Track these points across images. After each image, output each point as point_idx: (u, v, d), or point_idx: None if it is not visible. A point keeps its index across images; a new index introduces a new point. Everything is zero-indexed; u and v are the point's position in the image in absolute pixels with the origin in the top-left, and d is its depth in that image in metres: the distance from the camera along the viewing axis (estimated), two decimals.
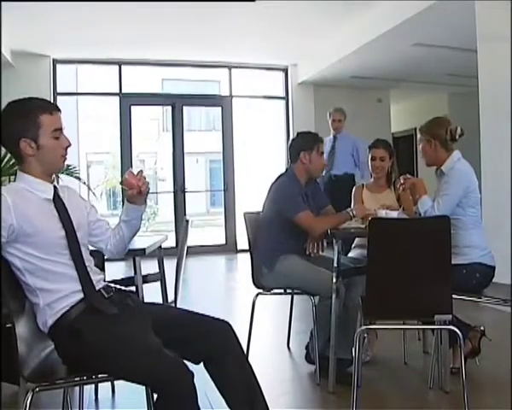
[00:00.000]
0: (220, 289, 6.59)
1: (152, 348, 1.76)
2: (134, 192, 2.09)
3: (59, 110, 1.96)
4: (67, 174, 4.71)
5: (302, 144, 3.35)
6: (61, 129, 1.94)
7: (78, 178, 5.32)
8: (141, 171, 2.12)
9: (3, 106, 1.93)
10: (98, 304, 1.90)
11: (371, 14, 6.60)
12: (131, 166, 9.00)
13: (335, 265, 2.96)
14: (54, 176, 2.03)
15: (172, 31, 7.34)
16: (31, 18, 6.46)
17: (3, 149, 3.82)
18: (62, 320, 1.87)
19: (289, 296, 3.70)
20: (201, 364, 1.96)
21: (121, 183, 2.14)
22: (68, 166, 5.06)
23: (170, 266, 3.31)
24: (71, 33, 7.22)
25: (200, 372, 1.82)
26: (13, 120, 1.88)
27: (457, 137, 2.98)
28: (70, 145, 1.98)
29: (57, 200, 1.96)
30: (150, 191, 2.18)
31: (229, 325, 2.01)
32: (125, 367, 1.77)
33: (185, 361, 1.77)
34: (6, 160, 3.89)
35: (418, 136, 3.12)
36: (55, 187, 1.99)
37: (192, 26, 7.11)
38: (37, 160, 1.91)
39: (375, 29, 6.69)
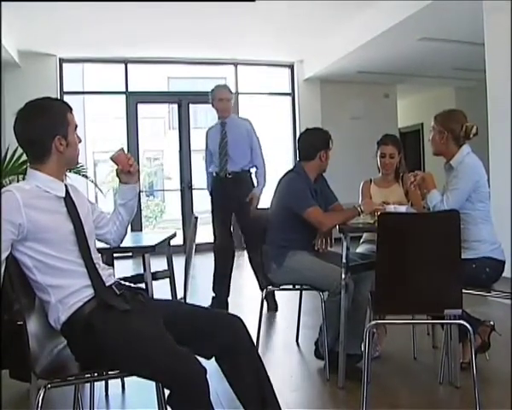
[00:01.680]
0: None
1: (165, 345, 1.77)
2: (125, 170, 2.21)
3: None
4: (75, 172, 4.73)
5: (320, 143, 3.36)
6: (77, 127, 2.04)
7: (86, 177, 5.34)
8: (131, 156, 2.25)
9: (9, 105, 1.95)
10: (110, 300, 1.91)
11: (377, 9, 6.57)
12: (138, 163, 8.98)
13: (344, 260, 2.96)
14: (65, 175, 2.07)
15: (178, 29, 7.33)
16: (37, 18, 6.48)
17: (7, 150, 3.87)
18: (76, 316, 1.88)
19: (298, 292, 3.70)
20: (212, 359, 1.96)
21: (111, 158, 2.21)
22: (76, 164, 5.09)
23: (178, 263, 3.31)
24: (77, 32, 7.23)
25: (210, 368, 1.82)
26: (44, 119, 1.93)
27: (472, 136, 2.96)
28: (81, 141, 2.05)
29: (68, 198, 1.98)
30: (157, 189, 2.22)
31: (241, 320, 2.02)
32: (138, 363, 1.78)
33: (197, 357, 1.78)
34: (15, 159, 3.90)
35: (432, 123, 3.07)
36: (66, 186, 2.01)
37: (197, 24, 7.10)
38: (63, 156, 1.96)
39: (381, 24, 6.66)
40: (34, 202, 1.86)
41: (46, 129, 1.92)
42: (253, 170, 4.87)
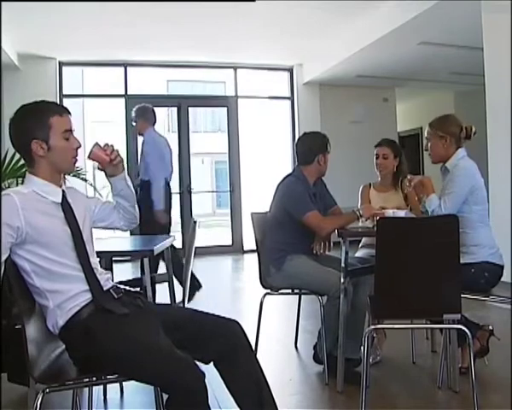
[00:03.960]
0: (227, 289, 6.59)
1: (163, 349, 1.77)
2: (105, 164, 2.12)
3: (69, 112, 2.00)
4: (74, 176, 4.72)
5: (318, 146, 3.36)
6: (70, 130, 1.97)
7: (85, 180, 5.33)
8: (106, 144, 2.14)
9: (9, 107, 1.96)
10: (107, 304, 1.91)
11: (377, 13, 6.59)
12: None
13: (343, 265, 2.96)
14: (62, 180, 2.05)
15: (177, 32, 7.36)
16: (36, 21, 6.49)
17: (6, 153, 3.87)
18: (74, 320, 1.88)
19: (297, 296, 3.70)
20: (210, 364, 1.96)
21: (89, 156, 2.12)
22: (76, 168, 5.08)
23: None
24: (76, 35, 7.25)
25: (208, 372, 1.82)
26: (24, 123, 1.92)
27: (472, 135, 2.98)
28: (80, 146, 2.01)
29: (65, 204, 1.98)
30: None
31: (239, 325, 2.02)
32: (136, 368, 1.78)
33: (195, 361, 1.78)
34: (14, 162, 3.90)
35: (428, 131, 3.07)
36: (63, 191, 2.00)
37: (197, 27, 7.12)
38: (47, 161, 1.93)
39: (380, 28, 6.68)
40: (32, 206, 1.87)
41: (23, 133, 1.91)
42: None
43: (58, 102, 8.40)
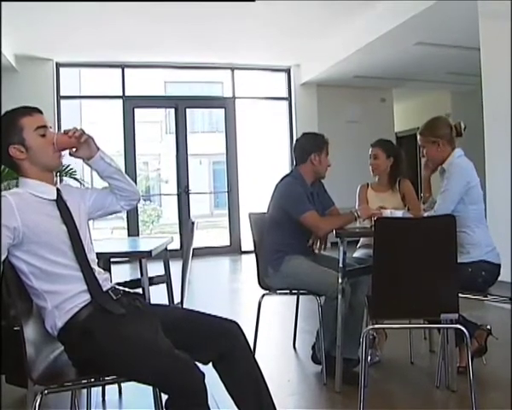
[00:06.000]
0: (225, 290, 6.59)
1: (163, 350, 1.77)
2: (73, 146, 2.01)
3: (39, 112, 1.99)
4: (64, 174, 4.72)
5: (312, 146, 3.36)
6: (45, 126, 1.96)
7: (76, 179, 5.31)
8: (73, 128, 2.01)
9: (6, 109, 1.96)
10: (106, 305, 1.91)
11: (373, 13, 6.60)
12: (135, 167, 9.03)
13: (341, 265, 2.96)
14: (55, 178, 2.05)
15: (174, 33, 7.36)
16: (34, 22, 6.48)
17: None
18: (72, 322, 1.88)
19: (295, 297, 3.70)
20: (209, 364, 1.96)
21: (58, 149, 1.98)
22: (67, 166, 5.07)
23: (175, 267, 3.32)
24: (74, 37, 7.24)
25: (207, 372, 1.82)
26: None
27: (463, 132, 2.99)
28: (55, 141, 1.96)
29: (60, 202, 1.98)
30: (155, 193, 2.19)
31: (238, 325, 2.02)
32: (135, 368, 1.78)
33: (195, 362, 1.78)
34: None
35: (420, 139, 3.08)
36: (57, 189, 2.01)
37: (194, 28, 7.12)
38: (30, 162, 1.94)
39: (377, 29, 6.69)
40: (28, 206, 1.87)
41: (1, 143, 1.91)
42: None
43: (55, 103, 8.41)
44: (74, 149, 2.04)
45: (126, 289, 2.07)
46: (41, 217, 1.90)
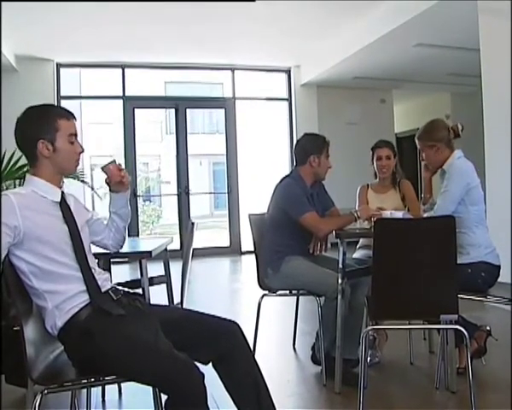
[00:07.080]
0: (225, 291, 6.59)
1: (162, 350, 1.77)
2: (114, 181, 2.24)
3: (74, 118, 2.06)
4: (73, 178, 4.73)
5: (312, 147, 3.35)
6: (75, 134, 2.03)
7: (84, 182, 5.35)
8: (119, 164, 2.27)
9: (7, 109, 1.98)
10: (105, 305, 1.92)
11: (373, 14, 6.61)
12: (135, 168, 9.03)
13: (340, 266, 2.96)
14: (62, 182, 2.07)
15: (175, 33, 7.36)
16: (34, 23, 6.49)
17: (4, 155, 3.86)
18: (72, 322, 1.88)
19: (295, 297, 3.71)
20: (209, 364, 1.96)
21: (102, 168, 2.23)
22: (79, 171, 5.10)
23: (174, 268, 3.32)
24: (74, 37, 7.25)
25: (206, 373, 1.82)
26: (32, 123, 1.97)
27: (461, 133, 2.99)
28: (83, 151, 2.06)
29: (63, 203, 2.00)
30: (155, 194, 2.24)
31: (238, 325, 2.03)
32: (135, 369, 1.78)
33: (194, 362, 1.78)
34: (12, 163, 3.90)
35: (418, 144, 3.09)
36: (62, 192, 2.03)
37: (194, 29, 7.12)
38: (51, 162, 1.98)
39: (377, 30, 6.70)
40: (29, 205, 1.88)
41: (31, 132, 1.96)
42: None
43: (56, 103, 8.40)
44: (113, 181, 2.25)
45: (126, 290, 2.08)
46: (43, 215, 1.91)
